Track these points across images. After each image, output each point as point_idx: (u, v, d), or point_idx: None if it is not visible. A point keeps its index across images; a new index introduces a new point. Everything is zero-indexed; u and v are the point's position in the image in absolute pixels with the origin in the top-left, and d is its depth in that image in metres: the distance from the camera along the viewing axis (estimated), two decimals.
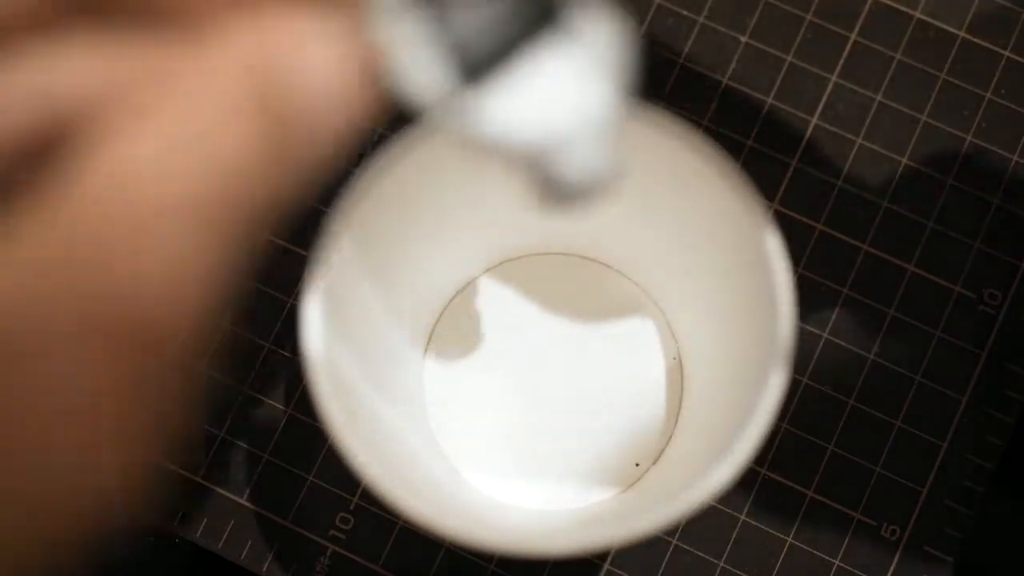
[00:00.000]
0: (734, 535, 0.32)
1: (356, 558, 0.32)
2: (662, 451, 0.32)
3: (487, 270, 0.33)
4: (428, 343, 0.33)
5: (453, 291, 0.33)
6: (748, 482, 0.32)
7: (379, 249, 0.26)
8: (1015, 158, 0.34)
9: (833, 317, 0.33)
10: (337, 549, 0.32)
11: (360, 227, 0.25)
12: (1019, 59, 0.35)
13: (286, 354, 0.34)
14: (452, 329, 0.33)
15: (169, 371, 0.13)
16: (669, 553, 0.32)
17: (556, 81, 0.16)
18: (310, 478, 0.33)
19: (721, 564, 0.32)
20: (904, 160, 0.34)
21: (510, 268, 0.33)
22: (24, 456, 0.13)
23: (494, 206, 0.29)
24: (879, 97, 0.35)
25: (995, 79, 0.35)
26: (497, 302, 0.33)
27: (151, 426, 0.13)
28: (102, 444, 0.13)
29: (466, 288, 0.33)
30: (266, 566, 0.32)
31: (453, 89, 0.15)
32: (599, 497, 0.32)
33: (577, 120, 0.16)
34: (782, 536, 0.32)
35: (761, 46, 0.35)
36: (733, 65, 0.35)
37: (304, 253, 0.34)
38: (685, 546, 0.32)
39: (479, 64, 0.15)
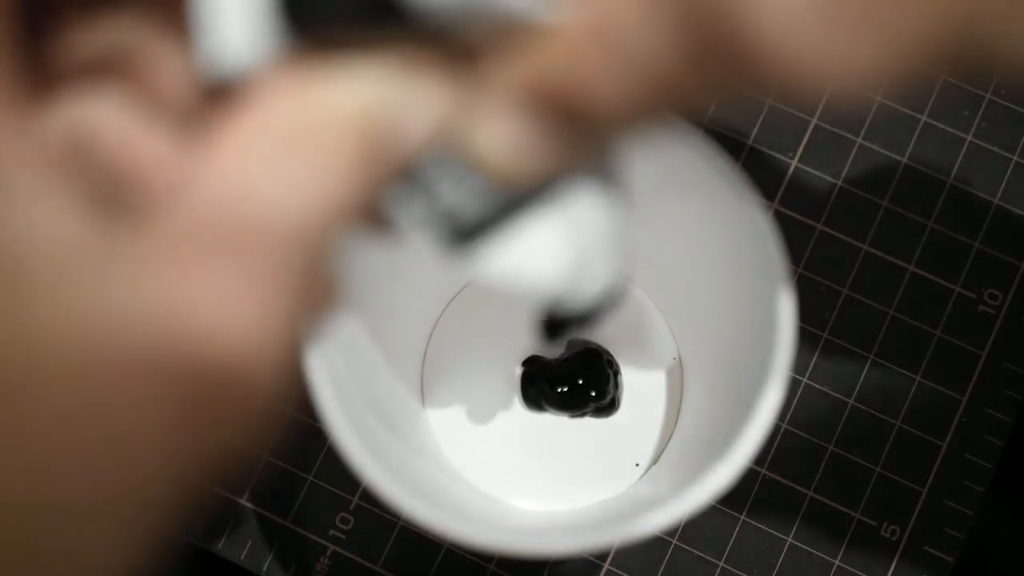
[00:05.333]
0: (734, 535, 0.32)
1: (356, 558, 0.32)
2: (662, 451, 0.32)
3: None
4: (428, 343, 0.33)
5: (454, 291, 0.33)
6: (748, 482, 0.32)
7: (376, 255, 0.26)
8: (1015, 158, 0.34)
9: (833, 317, 0.33)
10: (337, 549, 0.32)
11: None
12: None
13: None
14: (452, 329, 0.33)
15: (239, 409, 0.14)
16: (669, 553, 0.32)
17: (549, 240, 0.17)
18: (310, 478, 0.33)
19: (721, 564, 0.32)
20: (904, 160, 0.34)
21: None
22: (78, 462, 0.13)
23: None
24: (879, 97, 0.35)
25: (995, 79, 0.35)
26: (498, 302, 0.33)
27: (205, 461, 0.14)
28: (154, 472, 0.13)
29: (467, 287, 0.33)
30: (266, 566, 0.32)
31: (449, 249, 0.16)
32: (599, 497, 0.32)
33: (568, 277, 0.17)
34: (782, 536, 0.32)
35: None
36: None
37: None
38: (685, 546, 0.32)
39: (472, 227, 0.16)
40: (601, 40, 0.14)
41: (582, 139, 0.15)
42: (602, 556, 0.32)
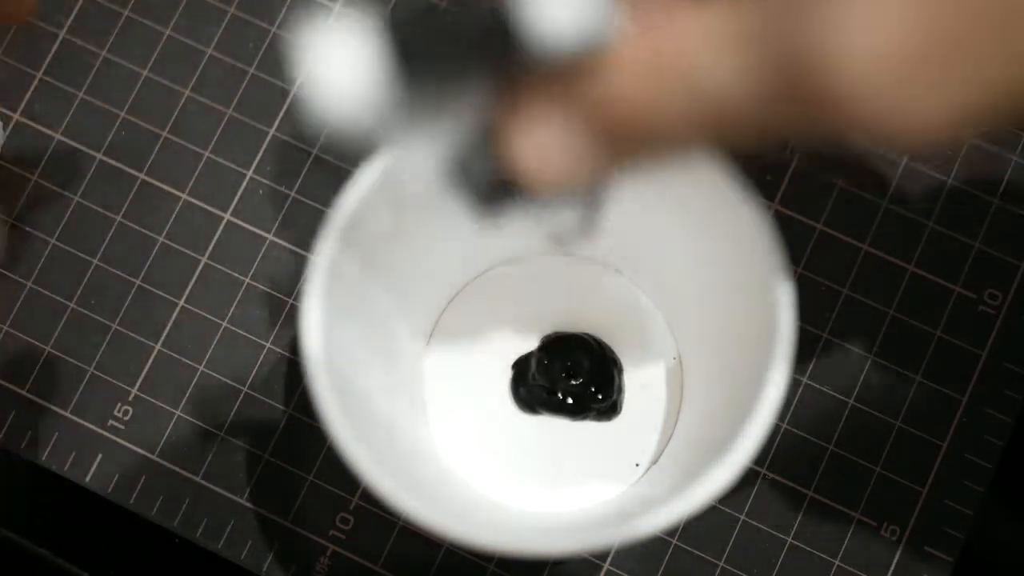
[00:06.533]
0: (734, 535, 0.32)
1: (356, 558, 0.32)
2: (662, 451, 0.32)
3: (488, 270, 0.33)
4: (428, 343, 0.33)
5: (454, 291, 0.33)
6: (748, 482, 0.32)
7: (378, 250, 0.26)
8: (1015, 158, 0.34)
9: (833, 317, 0.33)
10: (337, 549, 0.32)
11: (356, 227, 0.25)
12: None
13: (286, 354, 0.34)
14: (452, 329, 0.33)
15: None
16: (669, 553, 0.32)
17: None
18: (310, 478, 0.33)
19: (721, 564, 0.32)
20: (904, 160, 0.34)
21: (512, 268, 0.33)
22: None
23: None
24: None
25: None
26: (498, 302, 0.33)
27: None
28: None
29: (467, 288, 0.33)
30: (266, 566, 0.32)
31: (480, 210, 0.19)
32: (599, 497, 0.32)
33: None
34: (782, 536, 0.32)
35: None
36: None
37: (306, 254, 0.34)
38: (685, 546, 0.32)
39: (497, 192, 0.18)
40: (660, 66, 0.14)
41: (620, 157, 0.16)
42: (602, 556, 0.32)
